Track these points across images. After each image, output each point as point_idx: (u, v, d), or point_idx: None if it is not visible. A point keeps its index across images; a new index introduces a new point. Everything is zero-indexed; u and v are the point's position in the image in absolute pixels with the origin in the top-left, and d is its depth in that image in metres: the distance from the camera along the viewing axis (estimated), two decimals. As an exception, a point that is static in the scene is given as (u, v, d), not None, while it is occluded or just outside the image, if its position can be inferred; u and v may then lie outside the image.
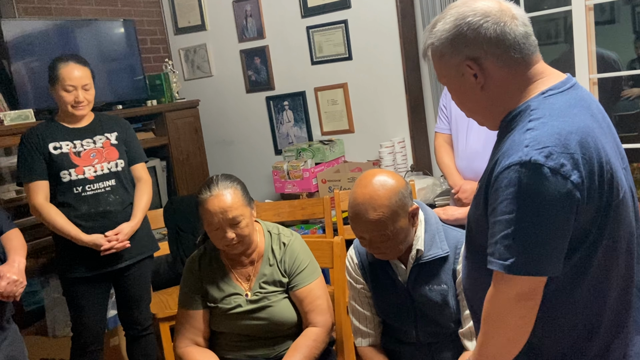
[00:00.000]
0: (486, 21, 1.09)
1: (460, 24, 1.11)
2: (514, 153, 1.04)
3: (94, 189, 2.37)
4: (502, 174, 1.04)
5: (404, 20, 3.45)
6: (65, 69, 2.31)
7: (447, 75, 1.18)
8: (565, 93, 1.11)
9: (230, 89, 4.17)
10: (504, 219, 1.04)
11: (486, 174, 1.13)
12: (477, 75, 1.12)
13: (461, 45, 1.11)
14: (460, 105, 1.23)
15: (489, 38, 1.09)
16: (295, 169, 3.54)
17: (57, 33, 3.30)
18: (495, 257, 1.06)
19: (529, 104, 1.11)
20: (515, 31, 1.10)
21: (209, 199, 1.77)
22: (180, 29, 4.26)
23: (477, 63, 1.11)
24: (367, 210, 1.52)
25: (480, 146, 2.40)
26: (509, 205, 1.02)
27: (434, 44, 1.16)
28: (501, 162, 1.06)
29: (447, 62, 1.15)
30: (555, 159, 1.00)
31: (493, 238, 1.06)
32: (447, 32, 1.13)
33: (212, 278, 1.88)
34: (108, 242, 2.32)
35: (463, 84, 1.15)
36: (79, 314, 2.41)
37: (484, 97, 1.15)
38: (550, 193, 1.00)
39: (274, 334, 1.87)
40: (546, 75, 1.14)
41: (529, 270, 1.03)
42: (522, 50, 1.11)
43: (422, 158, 3.58)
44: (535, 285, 1.05)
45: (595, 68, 2.98)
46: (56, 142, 2.35)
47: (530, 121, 1.07)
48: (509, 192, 1.02)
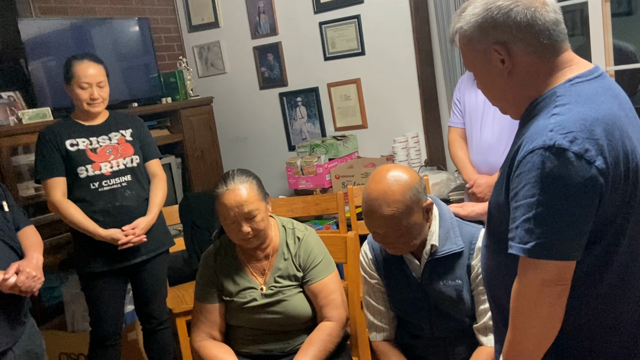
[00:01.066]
0: (517, 5, 1.08)
1: (491, 7, 1.10)
2: (538, 137, 1.03)
3: (110, 184, 2.40)
4: (526, 158, 1.03)
5: (417, 14, 3.43)
6: (80, 66, 2.34)
7: (473, 60, 1.17)
8: (593, 81, 1.10)
9: (243, 86, 4.19)
10: (526, 202, 1.03)
11: (508, 160, 1.11)
12: (504, 61, 1.11)
13: (490, 29, 1.10)
14: (485, 92, 1.21)
15: (518, 22, 1.08)
16: (309, 165, 3.55)
17: (73, 32, 3.34)
18: (515, 241, 1.05)
19: (555, 90, 1.10)
20: (546, 17, 1.09)
21: (225, 193, 1.78)
22: (194, 26, 4.29)
23: (505, 48, 1.10)
24: (381, 206, 1.52)
25: (495, 140, 2.39)
26: (532, 189, 1.02)
27: (462, 27, 1.15)
28: (525, 146, 1.05)
29: (474, 46, 1.14)
30: (580, 143, 0.99)
31: (514, 222, 1.05)
32: (477, 15, 1.12)
33: (227, 272, 1.90)
34: (125, 237, 2.35)
35: (490, 70, 1.14)
36: (97, 308, 2.44)
37: (511, 83, 1.14)
38: (574, 178, 0.99)
39: (288, 328, 1.88)
40: (574, 64, 1.13)
41: (550, 254, 1.02)
42: (552, 37, 1.10)
43: (436, 153, 3.56)
44: (560, 271, 1.03)
45: (612, 60, 2.94)
46: (73, 139, 2.38)
47: (556, 107, 1.06)
48: (532, 175, 1.01)
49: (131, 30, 3.68)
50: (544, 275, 1.04)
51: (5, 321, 1.81)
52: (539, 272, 1.04)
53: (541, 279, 1.04)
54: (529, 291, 1.06)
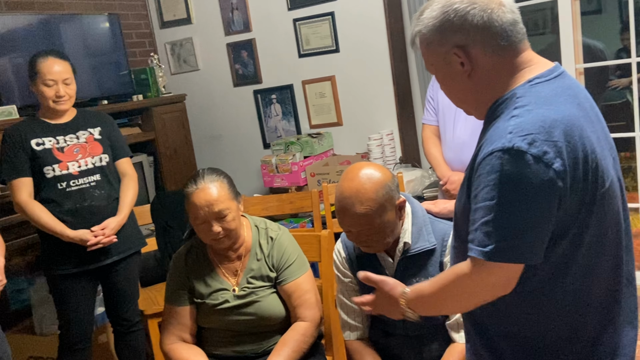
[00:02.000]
0: (473, 8, 1.08)
1: (448, 10, 1.09)
2: (498, 139, 1.03)
3: (78, 184, 2.35)
4: (485, 160, 1.03)
5: (391, 11, 3.43)
6: (45, 63, 2.28)
7: (434, 63, 1.16)
8: (552, 81, 1.10)
9: (217, 83, 4.14)
10: (485, 205, 1.03)
11: (470, 161, 1.12)
12: (464, 64, 1.11)
13: (448, 32, 1.10)
14: (448, 94, 1.21)
15: (475, 25, 1.08)
16: (284, 163, 3.53)
17: (41, 28, 3.26)
18: (474, 244, 1.05)
19: (515, 91, 1.10)
20: (503, 18, 1.08)
21: (195, 193, 1.75)
22: (165, 22, 4.22)
23: (464, 51, 1.10)
24: (353, 204, 1.51)
25: (468, 137, 2.40)
26: (491, 191, 1.02)
27: (421, 31, 1.14)
28: (484, 148, 1.05)
29: (434, 50, 1.14)
30: (539, 146, 0.99)
31: (474, 225, 1.06)
32: (435, 19, 1.11)
33: (199, 274, 1.87)
34: (94, 237, 2.30)
35: (450, 72, 1.14)
36: (66, 311, 2.39)
37: (471, 85, 1.14)
38: (532, 180, 0.99)
39: (261, 329, 1.86)
40: (534, 64, 1.13)
41: (508, 257, 1.02)
42: (510, 38, 1.09)
43: (410, 150, 3.57)
44: (511, 275, 1.04)
45: (581, 58, 2.98)
46: (38, 139, 2.32)
47: (515, 108, 1.06)
48: (491, 178, 1.02)
49: (101, 27, 3.61)
50: (495, 279, 1.05)
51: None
52: (491, 274, 1.04)
53: (489, 281, 1.05)
54: (473, 287, 1.08)
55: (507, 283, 1.05)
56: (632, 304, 1.19)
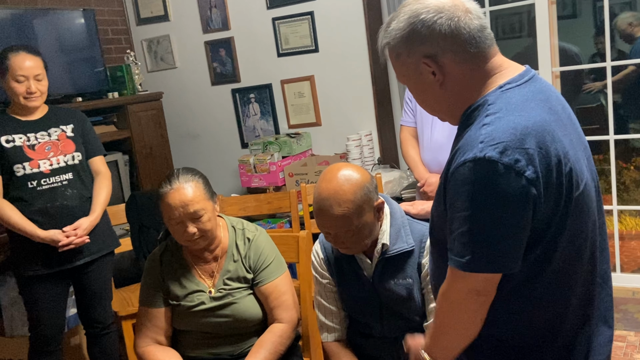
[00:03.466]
0: (440, 17, 1.07)
1: (414, 21, 1.09)
2: (469, 149, 1.03)
3: (49, 182, 2.29)
4: (458, 170, 1.03)
5: (370, 12, 3.43)
6: (16, 58, 2.22)
7: (405, 74, 1.16)
8: (523, 86, 1.10)
9: (195, 81, 4.09)
10: (460, 215, 1.03)
11: (445, 169, 1.12)
12: (435, 73, 1.10)
13: (416, 43, 1.09)
14: (421, 103, 1.21)
15: (443, 34, 1.07)
16: (262, 163, 3.50)
17: (13, 23, 3.17)
18: (453, 254, 1.06)
19: (487, 98, 1.09)
20: (470, 25, 1.08)
21: (170, 193, 1.72)
22: (142, 19, 4.15)
23: (434, 60, 1.09)
24: (331, 206, 1.49)
25: (445, 139, 2.41)
26: (465, 202, 1.02)
27: (389, 43, 1.14)
28: (457, 158, 1.05)
29: (403, 61, 1.13)
30: (510, 154, 0.99)
31: (451, 235, 1.06)
32: (402, 30, 1.11)
33: (174, 275, 1.84)
34: (66, 238, 2.25)
35: (422, 82, 1.13)
36: (37, 313, 2.34)
37: (444, 94, 1.13)
38: (505, 190, 0.99)
39: (238, 331, 1.83)
40: (504, 69, 1.13)
41: (485, 268, 1.03)
42: (479, 45, 1.09)
43: (388, 151, 3.58)
44: (488, 282, 1.05)
45: (557, 61, 3.02)
46: (8, 135, 2.26)
47: (487, 116, 1.06)
48: (465, 189, 1.02)
49: (76, 22, 3.54)
50: (471, 286, 1.05)
51: None
52: (466, 282, 1.05)
53: (468, 288, 1.06)
54: (453, 298, 1.09)
55: (484, 289, 1.06)
56: (608, 303, 1.20)
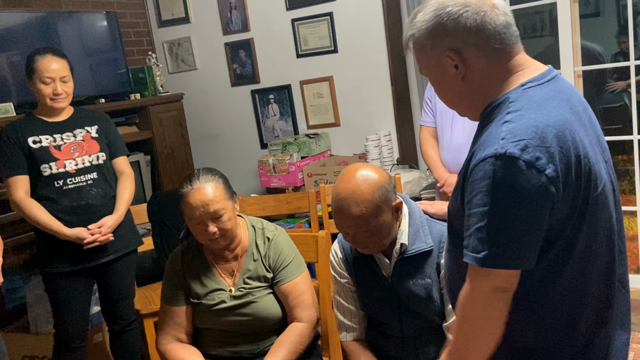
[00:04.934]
0: (466, 11, 1.08)
1: (440, 14, 1.10)
2: (490, 145, 1.03)
3: (75, 182, 2.34)
4: (478, 166, 1.03)
5: (390, 12, 3.43)
6: (43, 61, 2.28)
7: (428, 66, 1.17)
8: (545, 85, 1.10)
9: (215, 83, 4.13)
10: (478, 211, 1.03)
11: (464, 166, 1.12)
12: (457, 66, 1.11)
13: (441, 35, 1.10)
14: (442, 97, 1.22)
15: (469, 28, 1.08)
16: (281, 163, 3.52)
17: (38, 26, 3.24)
18: (468, 250, 1.05)
19: (508, 96, 1.10)
20: (496, 21, 1.08)
21: (190, 193, 1.75)
22: (164, 21, 4.21)
23: (458, 54, 1.10)
24: (349, 206, 1.50)
25: (465, 139, 2.40)
26: (483, 197, 1.02)
27: (414, 35, 1.15)
28: (477, 154, 1.05)
29: (427, 53, 1.14)
30: (531, 152, 0.99)
31: (468, 231, 1.06)
32: (427, 22, 1.12)
33: (195, 274, 1.86)
34: (91, 235, 2.30)
35: (444, 75, 1.14)
36: (62, 309, 2.38)
37: (465, 88, 1.14)
38: (525, 186, 0.99)
39: (258, 330, 1.85)
40: (527, 67, 1.13)
41: (501, 263, 1.02)
42: (503, 41, 1.09)
43: (408, 151, 3.57)
44: (510, 278, 1.05)
45: (580, 60, 2.99)
46: (35, 136, 2.31)
47: (508, 113, 1.06)
48: (484, 184, 1.02)
49: (99, 25, 3.60)
50: (494, 282, 1.05)
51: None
52: (489, 279, 1.05)
53: (492, 285, 1.05)
54: (479, 297, 1.07)
55: (508, 285, 1.05)
56: (625, 307, 1.19)
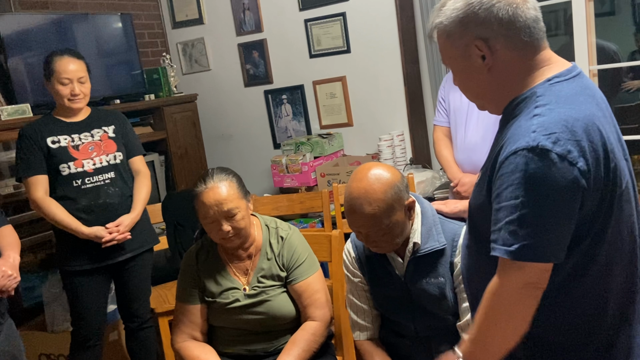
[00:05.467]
0: (498, 1, 1.08)
1: (472, 2, 1.09)
2: (521, 138, 1.02)
3: (93, 181, 2.37)
4: (509, 159, 1.03)
5: (403, 12, 3.43)
6: (61, 62, 2.31)
7: (452, 56, 1.16)
8: (571, 81, 1.11)
9: (228, 83, 4.16)
10: (509, 204, 1.02)
11: (490, 160, 1.11)
12: (485, 57, 1.11)
13: (472, 24, 1.10)
14: (464, 89, 1.21)
15: (500, 18, 1.08)
16: (294, 163, 3.53)
17: (54, 27, 3.28)
18: (498, 244, 1.04)
19: (535, 90, 1.10)
20: (527, 14, 1.09)
21: (204, 192, 1.76)
22: (178, 22, 4.25)
23: (487, 44, 1.10)
24: (362, 205, 1.51)
25: (479, 138, 2.39)
26: (515, 190, 1.01)
27: (442, 22, 1.14)
28: (507, 147, 1.05)
29: (454, 42, 1.13)
30: (563, 145, 0.99)
31: (497, 224, 1.05)
32: (458, 10, 1.11)
33: (209, 272, 1.88)
34: (109, 234, 2.33)
35: (469, 66, 1.14)
36: (79, 307, 2.41)
37: (490, 80, 1.13)
38: (557, 179, 0.99)
39: (272, 328, 1.86)
40: (552, 63, 1.13)
41: (533, 256, 1.02)
42: (532, 34, 1.10)
43: (421, 151, 3.57)
44: (542, 273, 1.04)
45: (595, 59, 2.96)
46: (54, 137, 2.35)
47: (536, 107, 1.06)
48: (515, 177, 1.01)
49: (114, 26, 3.64)
50: (526, 278, 1.03)
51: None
52: (522, 273, 1.03)
53: (524, 280, 1.04)
54: (509, 292, 1.06)
55: (539, 281, 1.04)
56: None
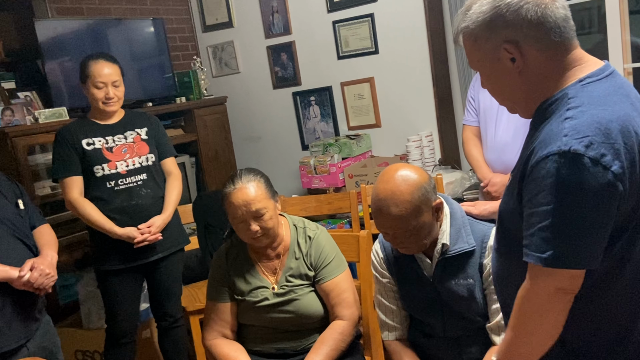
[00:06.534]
0: (527, 2, 1.06)
1: (500, 5, 1.07)
2: (552, 142, 1.00)
3: (126, 182, 2.42)
4: (540, 164, 1.01)
5: (432, 12, 3.41)
6: (96, 66, 2.36)
7: (481, 59, 1.14)
8: (604, 81, 1.08)
9: (257, 85, 4.20)
10: (541, 210, 1.01)
11: (520, 164, 1.09)
12: (515, 60, 1.08)
13: (499, 27, 1.08)
14: (493, 91, 1.19)
15: (529, 20, 1.06)
16: (322, 164, 3.54)
17: (89, 32, 3.37)
18: (531, 250, 1.03)
19: (567, 91, 1.07)
20: (556, 14, 1.06)
21: (233, 193, 1.79)
22: (208, 26, 4.31)
23: (516, 46, 1.08)
24: (389, 206, 1.51)
25: (510, 138, 2.36)
26: (547, 196, 0.99)
27: (468, 26, 1.12)
28: (538, 152, 1.03)
29: (481, 45, 1.11)
30: (596, 148, 0.97)
31: (529, 230, 1.03)
32: (484, 14, 1.09)
33: (239, 271, 1.91)
34: (141, 235, 2.37)
35: (498, 69, 1.11)
36: (113, 305, 2.47)
37: (521, 83, 1.11)
38: (591, 184, 0.97)
39: (300, 327, 1.88)
40: (584, 62, 1.10)
41: (567, 263, 1.00)
42: (562, 34, 1.07)
43: (450, 151, 3.54)
44: (574, 279, 1.02)
45: (629, 57, 2.90)
46: (89, 139, 2.40)
47: (568, 109, 1.04)
48: (547, 182, 0.99)
49: (146, 31, 3.71)
50: (558, 283, 1.02)
51: (18, 317, 1.84)
52: (553, 279, 1.02)
53: (555, 286, 1.02)
54: (539, 297, 1.05)
55: (571, 287, 1.03)
56: None
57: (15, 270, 1.80)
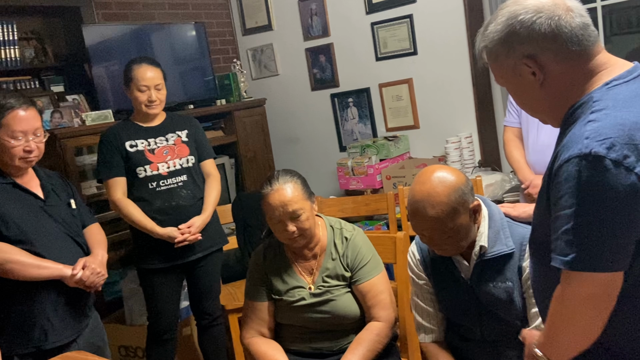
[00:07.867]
0: (539, 17, 1.06)
1: (512, 22, 1.09)
2: (574, 145, 1.00)
3: (167, 184, 2.48)
4: (562, 167, 1.01)
5: (472, 12, 3.37)
6: (139, 70, 2.43)
7: (504, 76, 1.16)
8: (632, 82, 1.06)
9: (295, 87, 4.24)
10: (564, 213, 1.00)
11: (547, 169, 1.10)
12: (535, 73, 1.09)
13: (516, 44, 1.09)
14: (522, 105, 1.20)
15: (544, 34, 1.06)
16: (360, 166, 3.55)
17: (134, 37, 3.48)
18: (556, 253, 1.03)
19: (592, 95, 1.06)
20: (572, 23, 1.06)
21: (270, 194, 1.82)
22: (248, 29, 4.38)
23: (535, 60, 1.08)
24: (425, 208, 1.50)
25: (552, 139, 2.25)
26: (569, 199, 0.99)
27: (487, 46, 1.14)
28: (561, 155, 1.03)
29: (502, 63, 1.13)
30: (618, 150, 0.96)
31: (555, 234, 1.03)
32: (499, 32, 1.11)
33: (276, 271, 1.93)
34: (181, 235, 2.43)
35: (522, 84, 1.13)
36: (155, 303, 2.53)
37: (545, 94, 1.12)
38: (613, 186, 0.96)
39: (337, 328, 1.89)
40: (610, 65, 1.09)
41: (590, 266, 0.99)
42: (581, 43, 1.07)
43: (490, 153, 3.48)
44: (607, 285, 1.00)
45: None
46: (132, 141, 2.47)
47: (592, 112, 1.03)
48: (569, 185, 0.99)
49: (188, 35, 3.80)
50: (588, 289, 1.01)
51: (71, 314, 1.91)
52: (582, 285, 1.01)
53: (586, 292, 1.01)
54: (571, 302, 1.04)
55: (604, 293, 1.01)
56: None
57: (68, 269, 1.87)
